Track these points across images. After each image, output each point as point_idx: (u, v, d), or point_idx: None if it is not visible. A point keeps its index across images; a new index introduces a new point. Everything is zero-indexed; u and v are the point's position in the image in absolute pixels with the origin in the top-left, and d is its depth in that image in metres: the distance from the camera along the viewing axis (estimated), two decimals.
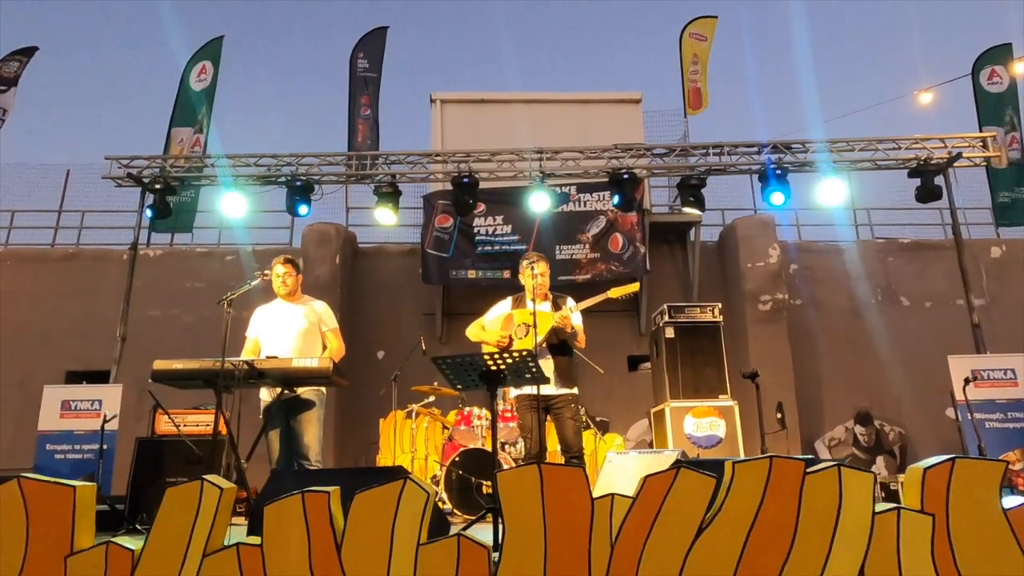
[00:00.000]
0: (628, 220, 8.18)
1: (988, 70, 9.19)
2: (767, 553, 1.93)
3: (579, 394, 3.99)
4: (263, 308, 4.19)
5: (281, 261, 4.11)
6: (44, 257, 8.91)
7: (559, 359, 3.90)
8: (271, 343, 3.98)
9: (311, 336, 4.04)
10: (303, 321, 4.04)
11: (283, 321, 4.04)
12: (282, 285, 4.07)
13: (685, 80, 9.36)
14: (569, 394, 3.89)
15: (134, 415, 6.51)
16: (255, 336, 4.10)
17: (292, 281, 4.10)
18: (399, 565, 1.96)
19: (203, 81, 8.86)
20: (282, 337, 3.98)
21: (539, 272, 3.95)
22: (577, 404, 3.94)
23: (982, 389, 5.40)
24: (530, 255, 4.08)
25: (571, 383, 3.93)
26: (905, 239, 9.42)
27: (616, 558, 1.94)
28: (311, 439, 3.83)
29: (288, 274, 4.08)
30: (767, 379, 7.68)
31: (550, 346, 3.89)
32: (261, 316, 4.14)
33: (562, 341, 3.93)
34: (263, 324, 4.10)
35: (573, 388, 3.94)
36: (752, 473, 1.98)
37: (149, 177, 6.46)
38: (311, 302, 4.21)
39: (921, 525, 1.92)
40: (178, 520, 2.01)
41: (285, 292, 4.09)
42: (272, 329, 4.04)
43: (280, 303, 4.14)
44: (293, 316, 4.06)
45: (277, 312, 4.11)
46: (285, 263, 4.11)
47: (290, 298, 4.13)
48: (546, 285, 4.05)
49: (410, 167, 6.69)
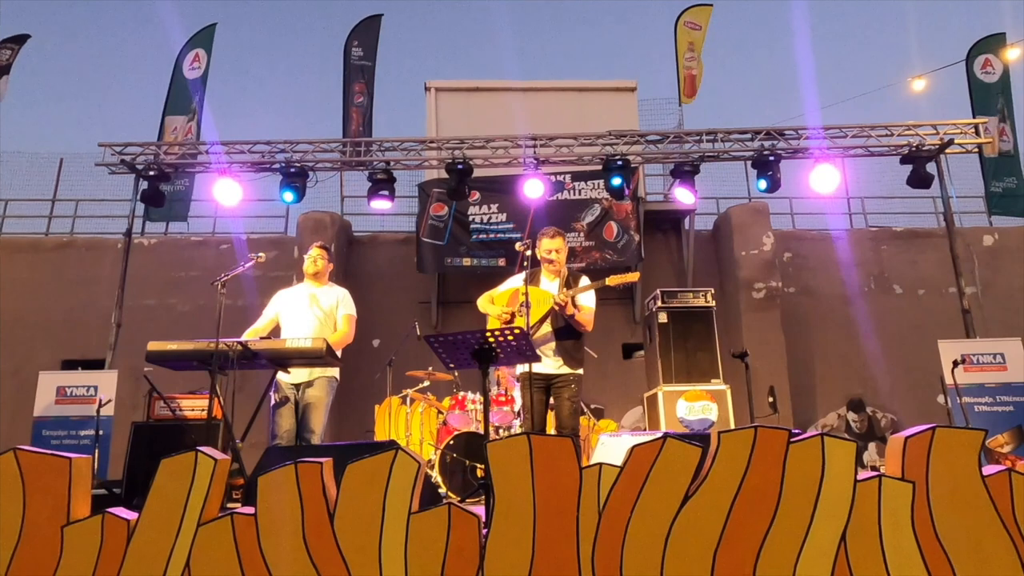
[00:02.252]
0: (623, 208, 8.20)
1: (982, 59, 9.22)
2: (751, 520, 1.97)
3: (582, 376, 3.89)
4: (285, 291, 4.37)
5: (317, 246, 4.38)
6: (38, 246, 8.89)
7: (564, 340, 3.80)
8: (291, 323, 4.13)
9: (329, 319, 4.19)
10: (324, 305, 4.20)
11: (305, 302, 4.19)
12: (312, 264, 4.28)
13: (680, 68, 9.37)
14: (572, 374, 3.80)
15: (130, 403, 6.53)
16: (274, 314, 4.24)
17: (323, 264, 4.32)
18: (391, 534, 2.00)
19: (196, 69, 8.84)
20: (302, 317, 4.12)
21: (548, 248, 3.85)
22: (579, 386, 3.84)
23: (971, 373, 5.46)
24: (546, 230, 3.96)
25: (576, 364, 3.84)
26: (898, 227, 9.47)
27: (604, 526, 1.98)
28: (316, 424, 3.99)
29: (320, 256, 4.32)
30: (761, 366, 7.75)
31: (556, 327, 3.80)
32: (283, 297, 4.32)
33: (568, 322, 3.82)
34: (285, 304, 4.25)
35: (578, 369, 3.84)
36: (737, 442, 2.02)
37: (143, 164, 6.45)
38: (334, 287, 4.38)
39: (902, 492, 1.97)
40: (173, 490, 2.04)
41: (313, 271, 4.28)
42: (293, 309, 4.19)
43: (303, 286, 4.31)
44: (314, 298, 4.22)
45: (300, 294, 4.27)
46: (320, 248, 4.37)
47: (315, 280, 4.30)
48: (559, 262, 3.91)
49: (404, 154, 6.70)
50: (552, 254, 3.87)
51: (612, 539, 1.97)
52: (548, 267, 3.91)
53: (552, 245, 3.89)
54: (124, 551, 2.01)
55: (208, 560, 1.99)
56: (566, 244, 3.98)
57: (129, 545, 2.01)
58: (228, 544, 2.01)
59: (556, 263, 3.90)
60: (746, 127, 6.49)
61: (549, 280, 3.94)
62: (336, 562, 1.98)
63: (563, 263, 3.96)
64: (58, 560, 2.00)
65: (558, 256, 3.89)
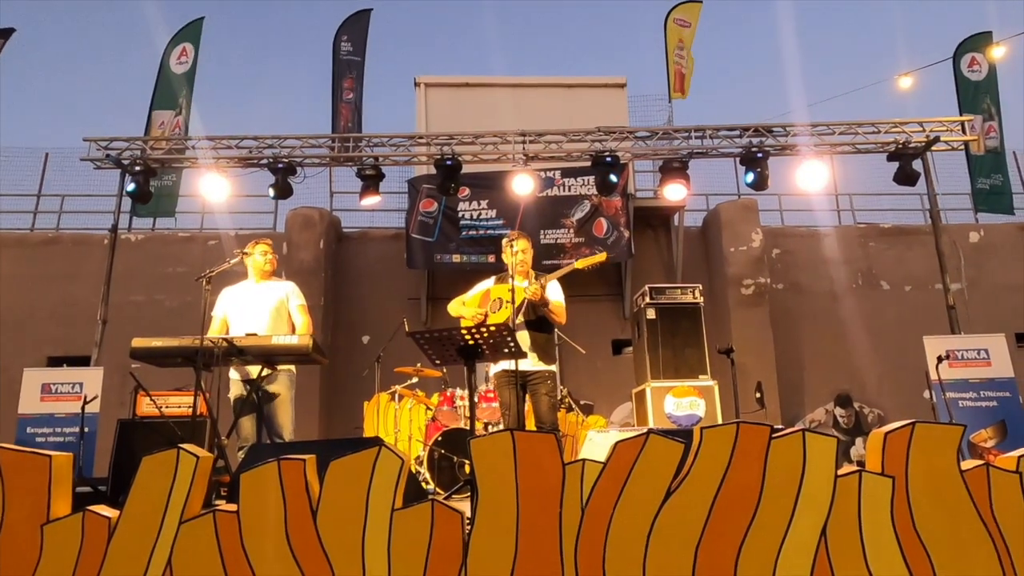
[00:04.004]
0: (612, 205, 8.21)
1: (968, 57, 9.29)
2: (733, 515, 1.98)
3: (559, 373, 4.02)
4: (230, 289, 4.29)
5: (265, 242, 4.30)
6: (23, 242, 8.80)
7: (537, 335, 3.90)
8: (240, 322, 4.06)
9: (280, 314, 4.14)
10: (272, 300, 4.15)
11: (253, 300, 4.14)
12: (268, 264, 4.23)
13: (670, 65, 9.37)
14: (546, 371, 3.90)
15: (116, 400, 6.48)
16: (222, 315, 4.18)
17: (275, 259, 4.29)
18: (374, 530, 2.00)
19: (183, 64, 8.75)
20: (252, 316, 4.06)
21: (519, 249, 3.97)
22: (554, 381, 3.96)
23: (956, 369, 5.50)
24: (512, 233, 4.13)
25: (549, 360, 3.95)
26: (886, 224, 9.54)
27: (587, 521, 1.99)
28: (284, 419, 3.95)
29: (271, 252, 4.27)
30: (749, 362, 7.80)
31: (528, 322, 3.89)
32: (229, 296, 4.24)
33: (540, 317, 3.94)
34: (231, 303, 4.19)
35: (551, 365, 3.96)
36: (720, 438, 2.03)
37: (129, 159, 6.40)
38: (279, 281, 4.34)
39: (881, 487, 1.98)
40: (154, 487, 2.03)
41: (270, 270, 4.25)
42: (242, 308, 4.13)
43: (248, 284, 4.25)
44: (263, 295, 4.17)
45: (246, 292, 4.21)
46: (267, 243, 4.31)
47: (263, 278, 4.25)
48: (527, 263, 4.06)
49: (393, 149, 6.67)
50: (520, 255, 4.00)
51: (595, 534, 1.97)
52: (519, 268, 4.01)
53: (519, 246, 4.03)
54: (105, 549, 1.99)
55: (190, 557, 1.99)
56: (531, 245, 4.15)
57: (110, 543, 2.00)
58: (210, 541, 2.00)
59: (524, 263, 4.04)
60: (735, 123, 6.51)
61: (519, 280, 4.02)
62: (319, 559, 1.98)
63: (529, 263, 4.10)
64: (38, 559, 1.99)
65: (524, 256, 4.03)
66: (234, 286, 4.30)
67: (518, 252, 3.96)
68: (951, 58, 9.22)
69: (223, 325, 4.15)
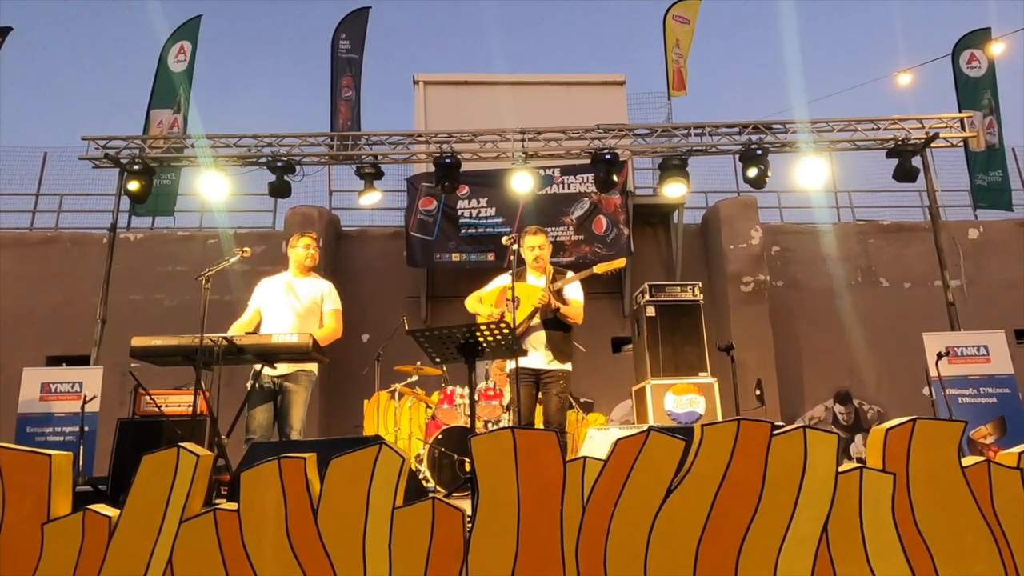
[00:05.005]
0: (612, 202, 8.21)
1: (967, 54, 9.27)
2: (734, 512, 1.98)
3: (571, 371, 3.91)
4: (268, 280, 4.21)
5: (309, 235, 4.21)
6: (22, 241, 8.79)
7: (553, 333, 3.82)
8: (273, 316, 4.01)
9: (312, 314, 4.07)
10: (307, 298, 4.07)
11: (289, 296, 4.06)
12: (309, 258, 4.14)
13: (669, 62, 9.36)
14: (560, 370, 3.83)
15: (116, 399, 6.48)
16: (257, 306, 4.11)
17: (317, 254, 4.19)
18: (375, 529, 1.99)
19: (182, 62, 8.73)
20: (285, 311, 4.00)
21: (531, 245, 3.89)
22: (567, 381, 3.87)
23: (955, 365, 5.51)
24: (528, 228, 4.02)
25: (564, 359, 3.86)
26: (885, 221, 9.54)
27: (588, 519, 1.98)
28: (295, 419, 3.91)
29: (314, 246, 4.17)
30: (749, 359, 7.80)
31: (545, 320, 3.82)
32: (266, 287, 4.16)
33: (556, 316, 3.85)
34: (267, 296, 4.11)
35: (566, 364, 3.87)
36: (720, 435, 2.03)
37: (127, 158, 6.39)
38: (319, 280, 4.24)
39: (882, 483, 1.98)
40: (154, 487, 2.02)
41: (311, 265, 4.15)
42: (276, 302, 4.06)
43: (287, 277, 4.17)
44: (299, 291, 4.08)
45: (284, 286, 4.12)
46: (313, 238, 4.22)
47: (302, 273, 4.17)
48: (544, 259, 3.96)
49: (392, 148, 6.67)
50: (535, 251, 3.91)
51: (596, 532, 1.97)
52: (533, 264, 3.94)
53: (535, 242, 3.94)
54: (105, 548, 1.99)
55: (191, 556, 1.98)
56: (549, 241, 4.03)
57: (111, 542, 2.00)
58: (211, 540, 1.99)
59: (540, 259, 3.94)
60: (734, 121, 6.51)
61: (536, 277, 3.97)
62: (320, 557, 1.97)
63: (547, 259, 4.00)
64: (38, 558, 1.98)
65: (541, 252, 3.94)
66: (272, 278, 4.22)
67: (535, 248, 3.89)
68: (950, 55, 9.21)
69: (255, 316, 4.08)
